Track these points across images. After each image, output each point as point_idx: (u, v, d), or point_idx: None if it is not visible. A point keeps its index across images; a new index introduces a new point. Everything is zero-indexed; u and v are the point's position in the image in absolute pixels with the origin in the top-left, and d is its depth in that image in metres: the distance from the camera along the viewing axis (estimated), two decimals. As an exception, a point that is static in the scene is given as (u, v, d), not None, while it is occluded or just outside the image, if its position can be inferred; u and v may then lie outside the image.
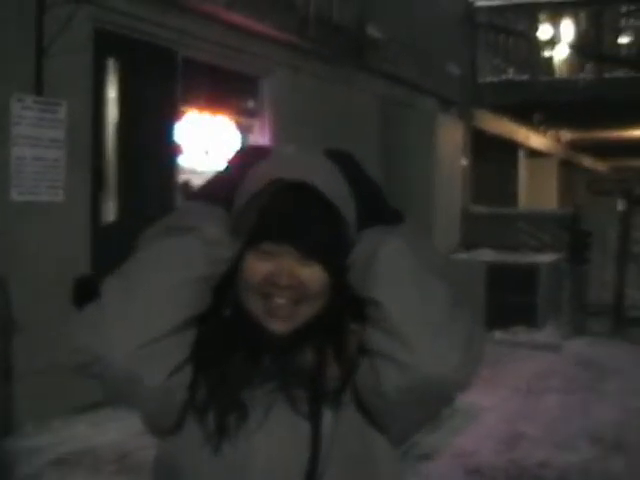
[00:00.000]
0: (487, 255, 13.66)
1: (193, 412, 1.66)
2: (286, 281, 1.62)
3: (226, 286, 1.66)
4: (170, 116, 8.65)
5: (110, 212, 7.96)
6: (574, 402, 8.55)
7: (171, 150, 8.75)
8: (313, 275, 1.64)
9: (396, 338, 1.54)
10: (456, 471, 6.39)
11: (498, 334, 11.44)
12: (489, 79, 16.46)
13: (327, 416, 1.65)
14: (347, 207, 1.67)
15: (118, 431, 6.65)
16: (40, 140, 7.08)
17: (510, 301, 12.22)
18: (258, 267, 1.63)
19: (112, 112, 7.96)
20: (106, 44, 7.76)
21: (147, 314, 1.57)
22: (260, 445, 1.65)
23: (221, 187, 1.76)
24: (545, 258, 13.57)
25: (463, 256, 13.70)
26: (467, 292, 1.67)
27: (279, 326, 1.64)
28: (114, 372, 1.57)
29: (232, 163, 1.80)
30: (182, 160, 9.06)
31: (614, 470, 6.52)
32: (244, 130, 10.08)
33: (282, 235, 1.62)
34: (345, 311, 1.69)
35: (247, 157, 1.78)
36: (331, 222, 1.64)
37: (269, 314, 1.64)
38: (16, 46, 6.88)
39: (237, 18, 9.03)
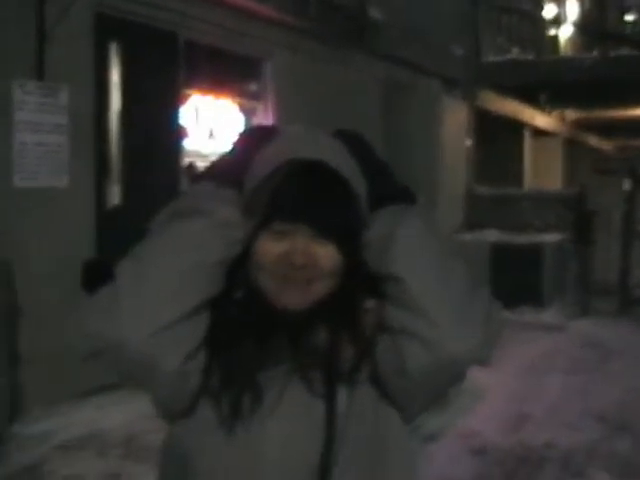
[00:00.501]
0: (491, 235, 13.64)
1: (207, 395, 1.65)
2: (301, 260, 1.62)
3: (238, 268, 1.66)
4: (173, 99, 8.62)
5: (114, 196, 7.94)
6: (579, 382, 8.56)
7: (175, 133, 8.73)
8: (327, 254, 1.64)
9: (419, 314, 1.56)
10: (461, 452, 6.41)
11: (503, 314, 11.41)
12: (493, 59, 16.36)
13: (342, 396, 1.64)
14: (359, 185, 1.67)
15: (124, 415, 6.66)
16: (42, 125, 7.07)
17: (515, 282, 12.20)
18: (272, 247, 1.63)
19: (115, 96, 7.92)
20: (107, 28, 7.73)
21: (161, 299, 1.57)
22: (274, 427, 1.64)
23: (228, 169, 1.75)
24: (550, 238, 13.55)
25: (467, 237, 13.69)
26: (472, 272, 1.70)
27: (293, 303, 1.64)
28: (128, 358, 1.57)
29: (238, 144, 1.80)
30: (186, 143, 9.03)
31: (619, 450, 6.54)
32: (247, 112, 10.06)
33: (296, 214, 1.62)
34: (359, 290, 1.68)
35: (253, 138, 1.79)
36: (344, 200, 1.64)
37: (283, 293, 1.64)
38: (17, 31, 6.86)
39: (239, 0, 9.01)
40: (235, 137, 1.80)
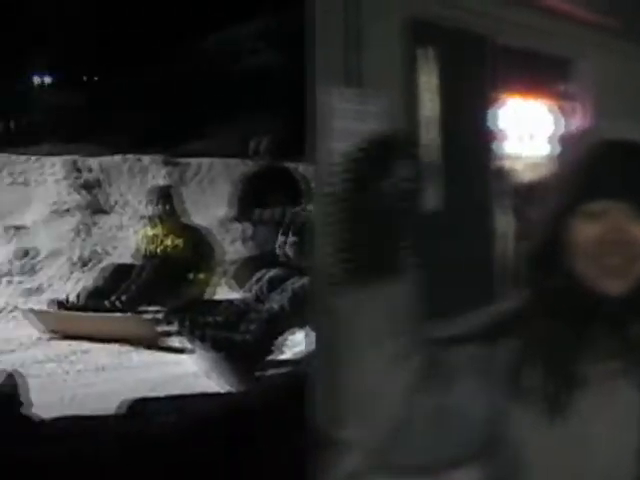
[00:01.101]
0: None
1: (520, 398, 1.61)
2: (620, 238, 1.54)
3: (547, 261, 1.63)
4: (487, 103, 8.58)
5: (432, 202, 7.96)
6: None
7: (489, 137, 8.65)
8: None
9: None
10: None
11: None
12: None
13: None
14: None
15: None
16: (361, 133, 7.12)
17: None
18: (588, 228, 1.58)
19: (429, 101, 7.94)
20: (421, 33, 7.77)
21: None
22: (597, 425, 1.53)
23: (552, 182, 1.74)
24: None
25: None
26: None
27: (614, 286, 1.55)
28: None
29: (557, 157, 1.83)
30: (501, 147, 8.93)
31: None
32: (561, 114, 9.84)
33: (615, 190, 1.54)
34: None
35: (566, 146, 1.80)
36: None
37: (603, 274, 1.56)
38: (335, 39, 6.98)
39: (547, 1, 8.87)
40: (551, 145, 1.84)
